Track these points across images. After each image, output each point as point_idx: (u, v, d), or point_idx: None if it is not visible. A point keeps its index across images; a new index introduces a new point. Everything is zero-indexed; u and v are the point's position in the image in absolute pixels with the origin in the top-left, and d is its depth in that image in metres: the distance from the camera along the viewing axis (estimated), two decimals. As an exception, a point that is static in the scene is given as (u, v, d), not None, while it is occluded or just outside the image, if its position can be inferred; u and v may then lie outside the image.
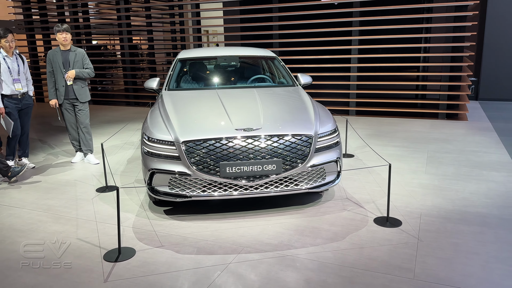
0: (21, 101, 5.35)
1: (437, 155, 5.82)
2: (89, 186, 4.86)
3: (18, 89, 5.27)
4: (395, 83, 9.04)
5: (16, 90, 5.25)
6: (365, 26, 8.82)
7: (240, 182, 3.63)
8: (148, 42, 12.57)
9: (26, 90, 5.41)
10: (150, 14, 12.26)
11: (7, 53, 5.22)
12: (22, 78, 5.35)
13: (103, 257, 3.20)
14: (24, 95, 5.38)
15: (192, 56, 5.46)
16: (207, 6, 12.58)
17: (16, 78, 5.27)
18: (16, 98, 5.28)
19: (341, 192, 4.46)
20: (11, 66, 5.23)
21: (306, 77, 5.31)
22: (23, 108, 5.42)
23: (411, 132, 7.29)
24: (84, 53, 5.63)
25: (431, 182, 4.71)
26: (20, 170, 4.98)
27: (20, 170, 4.98)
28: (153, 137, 3.77)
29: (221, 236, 3.49)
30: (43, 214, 4.06)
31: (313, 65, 9.38)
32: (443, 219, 3.75)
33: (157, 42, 13.00)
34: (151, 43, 12.28)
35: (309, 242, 3.37)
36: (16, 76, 5.27)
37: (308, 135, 3.76)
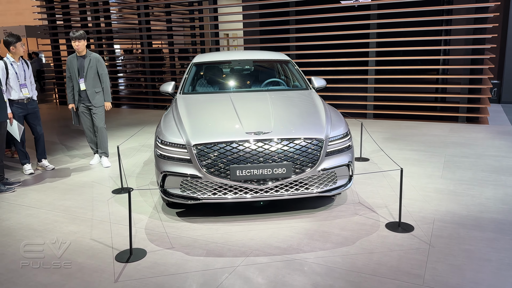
0: (27, 105, 5.46)
1: (454, 159, 5.71)
2: (106, 187, 4.96)
3: (25, 94, 5.38)
4: (413, 86, 8.92)
5: (24, 95, 5.37)
6: (383, 29, 8.74)
7: (250, 186, 3.65)
8: (168, 46, 12.76)
9: (31, 95, 5.51)
10: (171, 18, 12.43)
11: (14, 58, 5.36)
12: (28, 83, 5.48)
13: (115, 257, 3.27)
14: (29, 100, 5.48)
15: (206, 60, 5.52)
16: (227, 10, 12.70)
17: (23, 83, 5.39)
18: (22, 103, 5.39)
19: (354, 196, 4.43)
20: (18, 72, 5.35)
21: (320, 81, 5.30)
22: (30, 113, 5.52)
23: (429, 136, 7.18)
24: (99, 58, 5.73)
25: (447, 187, 4.63)
26: (6, 190, 4.90)
27: (6, 190, 4.90)
28: (166, 140, 3.84)
29: (231, 239, 3.52)
30: (59, 214, 4.18)
31: (331, 68, 9.34)
32: (456, 225, 3.68)
33: (177, 46, 13.20)
34: (171, 47, 12.46)
35: (318, 246, 3.37)
36: (23, 81, 5.40)
37: (318, 138, 3.75)
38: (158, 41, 15.91)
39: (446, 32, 9.18)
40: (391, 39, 8.61)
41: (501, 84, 10.47)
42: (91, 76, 5.66)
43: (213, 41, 11.46)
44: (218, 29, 11.86)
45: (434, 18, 8.34)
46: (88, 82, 5.66)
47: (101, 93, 5.79)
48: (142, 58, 12.68)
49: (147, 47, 11.81)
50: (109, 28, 12.40)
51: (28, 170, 5.57)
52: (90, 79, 5.67)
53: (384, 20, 8.61)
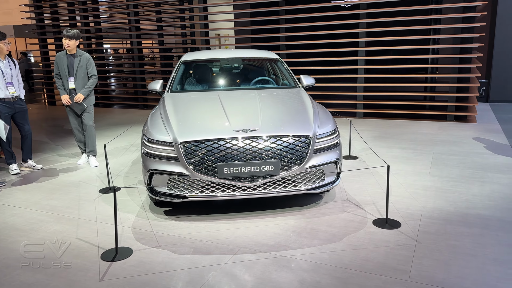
0: (14, 104, 5.38)
1: (442, 157, 5.75)
2: (93, 187, 4.91)
3: (12, 92, 5.30)
4: (403, 85, 8.96)
5: (10, 93, 5.30)
6: (372, 28, 8.78)
7: (238, 183, 3.64)
8: (159, 45, 12.69)
9: (18, 94, 5.44)
10: (161, 18, 12.36)
11: (0, 57, 5.29)
12: (15, 82, 5.41)
13: (100, 256, 3.23)
14: (16, 99, 5.41)
15: (195, 59, 5.50)
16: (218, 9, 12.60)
17: (9, 81, 5.32)
18: (8, 102, 5.31)
19: (342, 194, 4.43)
20: (4, 70, 5.28)
21: (308, 79, 5.30)
22: (17, 112, 5.44)
23: (418, 134, 7.22)
24: (89, 58, 5.67)
25: (434, 184, 4.66)
26: None
27: None
28: (153, 138, 3.81)
29: (218, 237, 3.50)
30: (45, 214, 4.13)
31: (321, 67, 9.36)
32: (443, 221, 3.70)
33: (167, 45, 13.14)
34: (162, 46, 12.39)
35: (305, 243, 3.36)
36: (10, 79, 5.33)
37: (306, 136, 3.75)
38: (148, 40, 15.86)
39: (435, 32, 9.25)
40: (381, 38, 8.66)
41: (489, 83, 10.57)
42: (80, 76, 5.61)
43: (204, 40, 11.42)
44: (208, 28, 11.83)
45: (423, 17, 8.40)
46: (78, 82, 5.60)
47: (91, 92, 5.73)
48: (132, 57, 12.60)
49: (137, 46, 11.73)
50: (98, 27, 12.30)
51: (14, 170, 5.50)
52: (80, 79, 5.61)
53: (373, 19, 8.65)
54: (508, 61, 10.19)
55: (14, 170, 5.50)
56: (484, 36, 8.58)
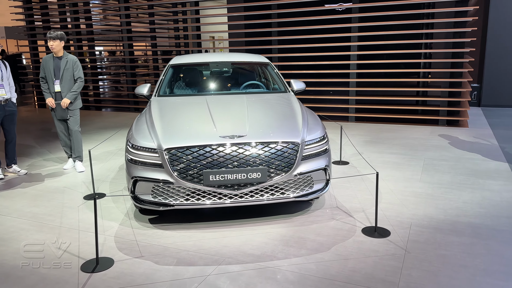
0: (4, 107, 5.28)
1: (434, 162, 5.69)
2: (77, 193, 4.80)
3: (2, 94, 5.21)
4: (395, 90, 8.92)
5: (0, 96, 5.20)
6: (364, 32, 8.74)
7: (225, 191, 3.55)
8: (152, 48, 12.56)
9: (9, 96, 5.35)
10: (154, 20, 12.25)
11: None
12: (6, 84, 5.31)
13: (80, 267, 3.13)
14: (7, 101, 5.32)
15: (184, 62, 5.41)
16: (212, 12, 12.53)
17: (0, 83, 5.23)
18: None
19: (332, 201, 4.36)
20: None
21: (299, 83, 5.23)
22: (6, 115, 5.35)
23: (410, 139, 7.17)
24: (76, 60, 5.57)
25: (425, 191, 4.60)
26: None
27: None
28: (137, 144, 3.71)
29: (204, 246, 3.40)
30: (26, 222, 4.01)
31: (313, 71, 9.31)
32: (433, 229, 3.63)
33: (160, 48, 13.01)
34: (155, 49, 12.27)
35: (293, 253, 3.28)
36: (0, 81, 5.23)
37: (294, 142, 3.67)
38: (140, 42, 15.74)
39: (427, 36, 9.22)
40: (373, 42, 8.61)
41: (481, 88, 10.57)
42: (67, 78, 5.50)
43: (195, 43, 11.33)
44: (200, 31, 11.75)
45: (415, 22, 8.37)
46: (64, 84, 5.50)
47: (77, 96, 5.61)
48: (123, 60, 12.48)
49: (128, 49, 11.61)
50: (90, 29, 12.17)
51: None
52: (66, 81, 5.50)
53: (365, 23, 8.61)
54: (500, 65, 10.20)
55: (21, 170, 5.39)
56: (476, 41, 8.57)
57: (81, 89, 5.66)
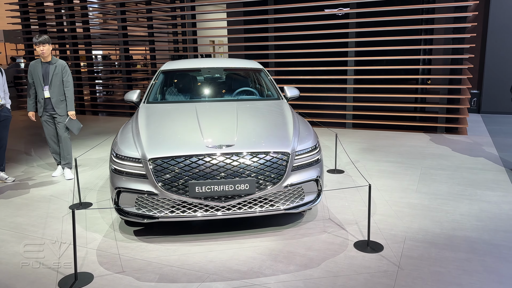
0: (0, 113, 5.23)
1: (431, 171, 5.55)
2: (64, 202, 4.67)
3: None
4: (393, 96, 8.80)
5: None
6: (362, 38, 8.63)
7: (211, 203, 3.42)
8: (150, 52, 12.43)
9: (4, 102, 5.28)
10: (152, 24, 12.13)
11: None
12: (1, 90, 5.25)
13: (58, 283, 2.99)
14: (2, 107, 5.25)
15: (175, 68, 5.28)
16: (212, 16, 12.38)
17: None
18: None
19: (324, 212, 4.22)
20: None
21: (292, 90, 5.11)
22: (1, 120, 5.29)
23: (407, 147, 7.03)
24: (65, 65, 5.46)
25: (421, 202, 4.46)
26: None
27: None
28: (121, 154, 3.58)
29: (188, 261, 3.27)
30: (8, 233, 3.88)
31: (310, 77, 9.19)
32: (428, 244, 3.49)
33: (158, 52, 12.92)
34: (153, 53, 12.16)
35: (281, 269, 3.14)
36: None
37: (284, 152, 3.54)
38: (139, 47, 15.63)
39: (426, 42, 9.10)
40: (370, 48, 8.50)
41: (480, 94, 10.44)
42: (56, 84, 5.39)
43: (193, 47, 11.22)
44: (197, 36, 11.63)
45: (414, 28, 8.25)
46: (53, 90, 5.38)
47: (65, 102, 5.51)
48: (119, 64, 12.37)
49: (124, 53, 11.51)
50: (87, 33, 12.07)
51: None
52: (56, 87, 5.39)
53: (363, 29, 8.50)
54: (500, 72, 10.07)
55: (9, 177, 5.28)
56: (475, 47, 8.46)
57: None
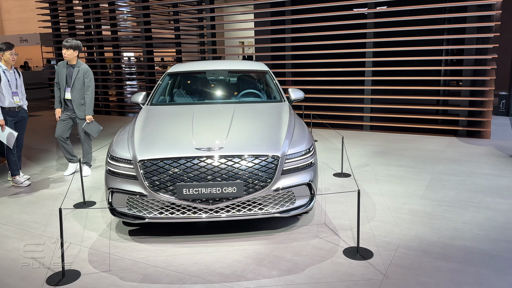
0: (18, 113, 5.45)
1: (442, 177, 5.36)
2: (70, 201, 4.82)
3: (17, 101, 5.38)
4: (413, 98, 8.55)
5: (15, 102, 5.36)
6: (381, 38, 8.44)
7: (199, 205, 3.44)
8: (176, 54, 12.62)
9: (21, 103, 5.51)
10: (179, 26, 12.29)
11: (7, 66, 5.34)
12: (19, 92, 5.47)
13: (46, 279, 3.09)
14: (20, 108, 5.48)
15: (180, 70, 5.35)
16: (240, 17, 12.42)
17: (15, 91, 5.39)
18: (13, 111, 5.38)
19: (321, 216, 4.15)
20: (10, 79, 5.35)
21: (297, 92, 5.07)
22: (19, 121, 5.51)
23: (423, 151, 6.82)
24: (87, 70, 5.63)
25: (424, 209, 4.31)
26: None
27: None
28: (114, 155, 3.66)
29: (174, 262, 3.30)
30: (11, 229, 4.04)
31: (327, 78, 9.08)
32: (421, 252, 3.37)
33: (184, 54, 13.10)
34: (179, 55, 12.33)
35: (263, 273, 3.11)
36: (15, 89, 5.39)
37: (273, 156, 3.51)
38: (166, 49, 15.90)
39: (448, 42, 8.79)
40: (389, 49, 8.30)
41: (509, 96, 9.97)
42: (77, 87, 5.58)
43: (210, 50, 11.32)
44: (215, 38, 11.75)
45: (435, 27, 7.98)
46: (74, 93, 5.58)
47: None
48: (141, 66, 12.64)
49: (147, 55, 11.75)
50: (114, 36, 12.39)
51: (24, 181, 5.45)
52: (77, 90, 5.59)
53: (382, 29, 8.31)
54: (530, 73, 9.58)
55: (25, 181, 5.47)
56: (506, 47, 8.08)
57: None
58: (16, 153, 5.58)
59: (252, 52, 20.86)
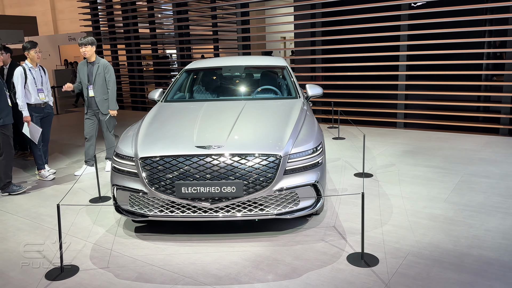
0: (43, 110, 5.66)
1: (472, 179, 4.98)
2: (87, 195, 4.92)
3: (42, 98, 5.59)
4: (451, 93, 8.05)
5: (40, 99, 5.57)
6: (416, 31, 8.00)
7: (199, 204, 3.37)
8: (214, 51, 12.65)
9: (47, 100, 5.71)
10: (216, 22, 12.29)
11: (32, 64, 5.55)
12: (45, 88, 5.67)
13: (45, 274, 3.14)
14: (45, 104, 5.68)
15: (197, 67, 5.31)
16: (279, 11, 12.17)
17: (40, 88, 5.60)
18: (39, 107, 5.60)
19: (331, 219, 3.97)
20: (36, 77, 5.56)
21: (314, 89, 4.90)
22: (44, 117, 5.71)
23: (457, 150, 6.39)
24: (107, 65, 5.74)
25: (445, 213, 4.01)
26: (17, 190, 5.05)
27: (17, 190, 5.05)
28: (119, 152, 3.67)
29: (171, 262, 3.26)
30: (26, 222, 4.17)
31: (358, 73, 8.75)
32: (432, 261, 3.12)
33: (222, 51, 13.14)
34: (217, 51, 12.36)
35: (258, 277, 3.00)
36: (40, 86, 5.60)
37: (275, 155, 3.38)
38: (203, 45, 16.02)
39: (490, 33, 8.18)
40: (425, 42, 7.85)
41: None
42: (99, 83, 5.69)
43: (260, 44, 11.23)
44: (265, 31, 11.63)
45: (475, 18, 7.44)
46: (97, 89, 5.70)
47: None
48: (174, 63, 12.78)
49: (180, 52, 11.87)
50: (153, 33, 12.60)
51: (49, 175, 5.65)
52: (99, 86, 5.69)
53: (416, 21, 7.87)
54: None
55: (49, 175, 5.66)
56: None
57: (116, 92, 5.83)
58: (42, 148, 5.78)
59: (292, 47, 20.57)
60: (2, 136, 4.89)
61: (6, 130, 4.93)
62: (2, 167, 4.92)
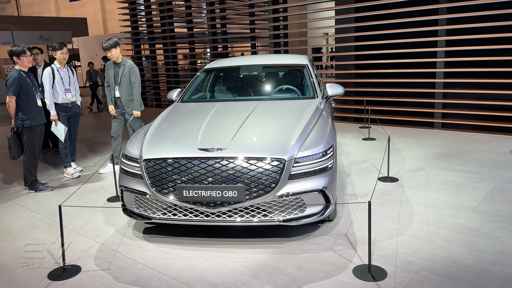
0: (71, 109, 5.81)
1: (507, 186, 4.58)
2: (106, 194, 4.99)
3: (69, 98, 5.75)
4: (492, 92, 7.50)
5: (67, 99, 5.72)
6: (454, 25, 7.51)
7: (200, 208, 3.29)
8: (251, 49, 12.60)
9: (75, 100, 5.85)
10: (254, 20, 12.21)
11: (60, 65, 5.72)
12: (72, 88, 5.82)
13: (48, 274, 3.18)
14: (73, 104, 5.83)
15: (216, 66, 5.24)
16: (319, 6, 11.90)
17: (68, 88, 5.75)
18: (66, 107, 5.76)
19: (345, 226, 3.76)
20: (63, 77, 5.72)
21: (335, 88, 4.69)
22: (71, 116, 5.87)
23: (495, 154, 5.93)
24: (133, 66, 5.79)
25: (470, 224, 3.69)
26: (44, 189, 5.20)
27: (44, 189, 5.20)
28: (126, 153, 3.66)
29: (171, 267, 3.20)
30: (44, 220, 4.28)
31: (394, 70, 8.35)
32: (446, 278, 2.86)
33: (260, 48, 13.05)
34: (254, 50, 12.29)
35: (255, 286, 2.87)
36: (68, 86, 5.75)
37: (279, 159, 3.23)
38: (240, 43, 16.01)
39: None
40: (464, 36, 7.35)
41: None
42: (125, 84, 5.77)
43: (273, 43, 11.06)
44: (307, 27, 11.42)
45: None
46: (122, 90, 5.78)
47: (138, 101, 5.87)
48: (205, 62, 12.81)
49: (213, 51, 11.88)
50: (190, 32, 12.72)
51: (74, 173, 5.80)
52: (124, 87, 5.78)
53: (454, 15, 7.38)
54: None
55: (74, 173, 5.82)
56: None
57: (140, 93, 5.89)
58: (69, 146, 5.94)
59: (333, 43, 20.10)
60: (28, 138, 5.04)
61: (32, 132, 5.06)
62: (26, 167, 5.09)
